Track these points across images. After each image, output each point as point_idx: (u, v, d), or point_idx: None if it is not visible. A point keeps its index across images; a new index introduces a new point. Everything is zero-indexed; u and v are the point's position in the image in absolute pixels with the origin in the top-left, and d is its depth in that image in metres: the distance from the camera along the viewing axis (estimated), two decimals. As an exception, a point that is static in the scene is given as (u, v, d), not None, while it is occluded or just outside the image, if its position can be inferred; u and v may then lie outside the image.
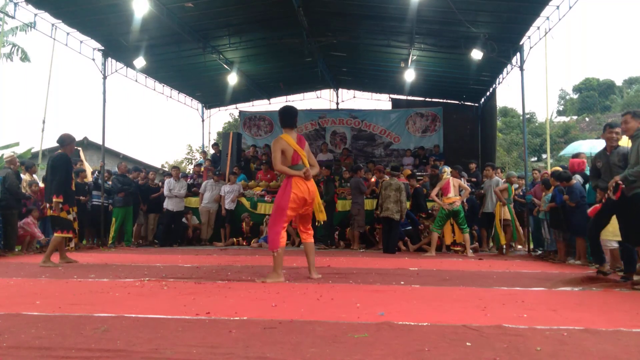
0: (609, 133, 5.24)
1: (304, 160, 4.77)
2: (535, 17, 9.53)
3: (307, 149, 4.92)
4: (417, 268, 6.22)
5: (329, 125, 16.39)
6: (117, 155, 22.90)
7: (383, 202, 9.01)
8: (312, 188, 4.76)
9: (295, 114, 4.97)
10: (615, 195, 4.64)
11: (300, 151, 4.75)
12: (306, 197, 4.70)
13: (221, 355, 2.12)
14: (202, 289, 4.10)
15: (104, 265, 6.32)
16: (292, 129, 4.90)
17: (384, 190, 9.06)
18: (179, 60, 12.87)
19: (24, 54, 16.63)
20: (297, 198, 4.66)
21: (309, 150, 4.94)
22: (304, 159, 4.76)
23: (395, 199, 8.92)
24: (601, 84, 44.52)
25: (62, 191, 6.31)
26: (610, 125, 5.29)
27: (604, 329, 2.70)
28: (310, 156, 4.93)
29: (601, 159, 5.32)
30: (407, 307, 3.35)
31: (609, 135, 5.25)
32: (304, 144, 4.88)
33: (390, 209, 8.87)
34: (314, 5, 10.91)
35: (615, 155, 5.11)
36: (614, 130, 5.19)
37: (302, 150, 4.77)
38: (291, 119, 4.91)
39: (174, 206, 10.87)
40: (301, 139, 4.90)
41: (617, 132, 5.18)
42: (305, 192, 4.69)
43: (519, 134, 31.73)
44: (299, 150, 4.75)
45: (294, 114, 4.95)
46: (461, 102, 16.18)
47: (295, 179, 4.69)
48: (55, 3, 9.30)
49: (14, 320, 2.78)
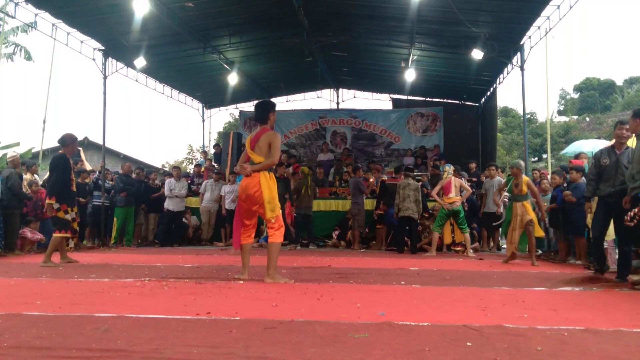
0: (619, 130, 5.11)
1: (252, 157, 4.61)
2: (536, 17, 9.53)
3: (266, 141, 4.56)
4: (417, 268, 6.22)
5: (329, 125, 16.39)
6: (117, 155, 22.90)
7: (401, 202, 9.02)
8: (248, 183, 4.53)
9: (264, 108, 4.78)
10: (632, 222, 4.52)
11: (248, 149, 4.65)
12: (247, 193, 4.56)
13: (222, 355, 2.12)
14: (202, 289, 4.10)
15: (105, 265, 6.32)
16: (262, 123, 4.75)
17: (402, 190, 9.07)
18: (180, 60, 12.87)
19: (27, 53, 16.68)
20: (239, 195, 4.69)
21: (271, 141, 4.56)
22: (251, 156, 4.61)
23: (415, 198, 9.01)
24: (602, 83, 44.47)
25: (55, 193, 6.32)
26: (622, 122, 5.16)
27: (605, 329, 2.70)
28: (274, 148, 4.55)
29: (609, 157, 5.17)
30: (408, 307, 3.35)
31: (619, 132, 5.12)
32: (257, 139, 4.61)
33: (411, 209, 8.96)
34: (314, 5, 10.91)
35: (625, 156, 4.99)
36: (624, 126, 5.06)
37: (248, 148, 4.65)
38: (257, 113, 4.80)
39: (174, 206, 10.87)
40: (261, 132, 4.64)
41: (627, 128, 5.04)
42: (241, 188, 4.62)
43: (519, 134, 31.71)
44: (247, 148, 4.67)
45: (262, 107, 4.80)
46: (462, 102, 16.17)
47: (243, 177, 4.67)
48: (56, 3, 9.31)
49: (14, 320, 2.78)
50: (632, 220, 4.42)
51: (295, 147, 16.36)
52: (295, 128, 16.46)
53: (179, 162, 28.01)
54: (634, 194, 4.54)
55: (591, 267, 6.61)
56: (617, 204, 4.90)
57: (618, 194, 4.96)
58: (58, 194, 6.32)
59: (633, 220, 4.41)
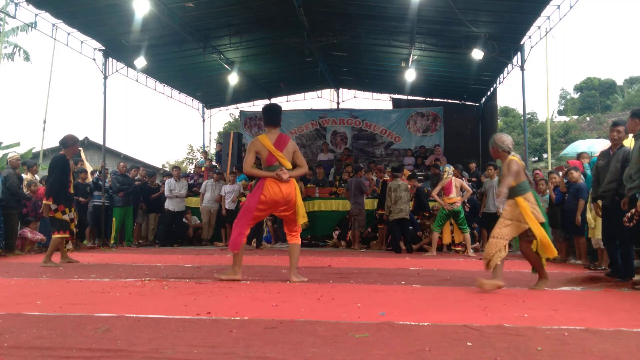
0: (611, 132, 5.22)
1: (281, 161, 4.56)
2: (536, 17, 9.53)
3: (292, 148, 4.69)
4: (417, 268, 6.22)
5: (329, 125, 16.39)
6: (118, 155, 22.90)
7: (394, 204, 9.00)
8: (287, 190, 4.52)
9: (277, 112, 4.82)
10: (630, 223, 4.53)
11: (275, 152, 4.55)
12: (277, 199, 4.53)
13: (222, 355, 2.12)
14: (203, 289, 4.10)
15: (105, 265, 6.32)
16: (274, 127, 4.73)
17: (393, 192, 9.06)
18: (180, 60, 12.87)
19: (26, 54, 16.73)
20: (267, 200, 4.53)
21: (295, 150, 4.72)
22: (280, 159, 4.56)
23: (407, 199, 9.06)
24: (602, 83, 44.42)
25: (52, 193, 6.32)
26: (614, 124, 5.25)
27: (605, 329, 2.70)
28: (298, 156, 4.71)
29: (604, 157, 5.29)
30: (408, 307, 3.35)
31: (611, 134, 5.24)
32: (284, 143, 4.63)
33: (404, 210, 9.00)
34: (314, 5, 10.91)
35: (615, 156, 5.07)
36: (616, 128, 5.15)
37: (277, 151, 4.56)
38: (272, 117, 4.76)
39: (174, 206, 10.88)
40: (282, 138, 4.67)
41: (618, 130, 5.13)
42: (277, 194, 4.51)
43: (519, 134, 31.68)
44: (274, 151, 4.56)
45: (276, 112, 4.81)
46: (462, 101, 16.17)
47: (267, 180, 4.53)
48: (56, 3, 9.31)
49: (15, 320, 2.78)
50: (630, 221, 4.43)
51: (295, 147, 16.35)
52: (296, 128, 16.46)
53: (179, 162, 28.01)
54: (632, 194, 4.53)
55: (591, 267, 6.62)
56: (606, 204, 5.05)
57: (606, 193, 5.06)
58: (55, 195, 6.33)
59: (632, 221, 4.41)
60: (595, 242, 6.56)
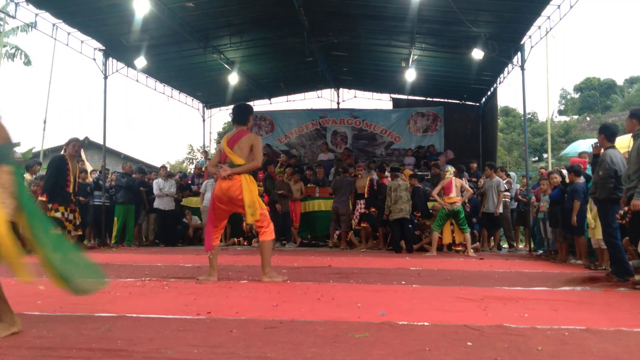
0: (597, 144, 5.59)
1: (230, 157, 4.55)
2: (536, 17, 9.52)
3: (248, 143, 4.56)
4: (418, 268, 6.22)
5: (329, 125, 16.38)
6: (118, 155, 22.91)
7: (394, 204, 8.99)
8: (226, 186, 4.47)
9: (242, 109, 4.83)
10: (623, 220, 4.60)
11: (225, 148, 4.58)
12: (221, 196, 4.54)
13: (222, 355, 2.12)
14: (203, 289, 4.10)
15: (105, 265, 6.31)
16: (238, 125, 4.74)
17: (393, 192, 9.04)
18: (180, 60, 12.86)
19: (26, 57, 16.69)
20: (217, 196, 4.59)
21: (254, 144, 4.57)
22: (229, 156, 4.55)
23: (407, 198, 9.05)
24: (602, 83, 44.42)
25: (47, 191, 6.46)
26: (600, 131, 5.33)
27: (605, 329, 2.70)
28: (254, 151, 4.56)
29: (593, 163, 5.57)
30: (408, 307, 3.35)
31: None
32: (237, 139, 4.58)
33: (404, 210, 8.98)
34: (314, 4, 10.90)
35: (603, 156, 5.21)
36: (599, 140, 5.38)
37: (227, 148, 4.57)
38: (235, 115, 4.82)
39: (165, 205, 10.95)
40: (238, 135, 4.61)
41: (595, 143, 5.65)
42: (220, 191, 4.54)
43: (520, 134, 31.71)
44: (225, 148, 4.59)
45: (239, 109, 4.84)
46: (462, 101, 16.15)
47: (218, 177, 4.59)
48: (56, 3, 9.30)
49: (15, 320, 2.78)
50: (622, 219, 4.50)
51: (295, 147, 16.35)
52: (296, 128, 16.45)
53: (179, 162, 28.01)
54: (629, 194, 4.54)
55: (591, 267, 6.62)
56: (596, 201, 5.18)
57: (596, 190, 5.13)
58: (49, 192, 6.40)
59: (624, 219, 4.48)
60: (595, 242, 6.56)
